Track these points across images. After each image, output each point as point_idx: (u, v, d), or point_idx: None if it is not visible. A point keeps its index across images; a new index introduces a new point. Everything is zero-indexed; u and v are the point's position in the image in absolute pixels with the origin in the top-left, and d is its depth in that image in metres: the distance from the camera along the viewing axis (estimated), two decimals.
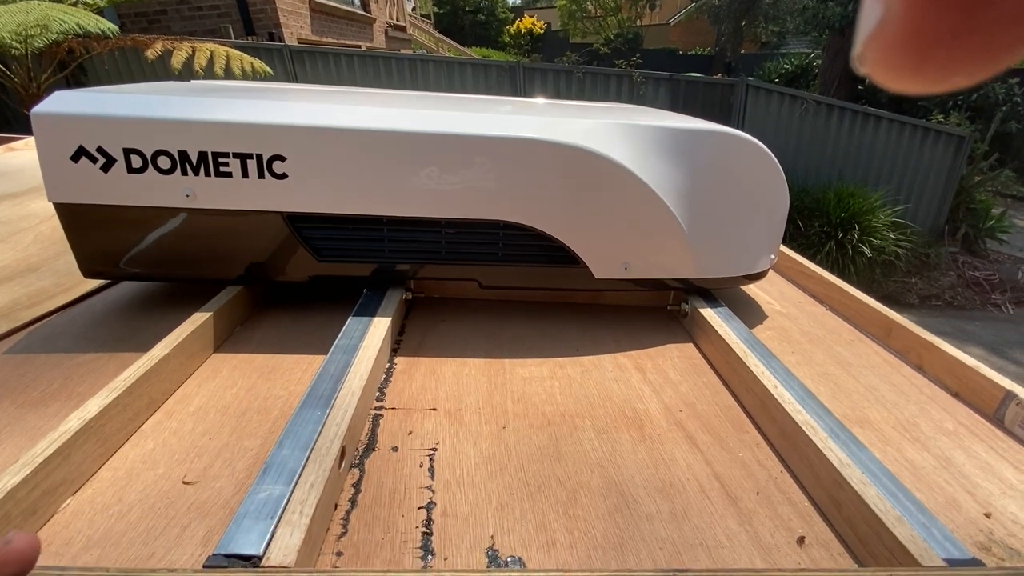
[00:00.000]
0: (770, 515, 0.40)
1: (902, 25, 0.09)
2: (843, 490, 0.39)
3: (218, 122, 0.55)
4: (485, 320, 0.69)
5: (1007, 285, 4.20)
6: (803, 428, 0.44)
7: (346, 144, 0.56)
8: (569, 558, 0.35)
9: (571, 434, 0.48)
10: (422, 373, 0.56)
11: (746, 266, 0.70)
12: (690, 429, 0.50)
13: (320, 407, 0.42)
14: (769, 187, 0.68)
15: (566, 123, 0.61)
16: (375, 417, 0.48)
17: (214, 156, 0.56)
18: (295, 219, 0.60)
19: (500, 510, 0.39)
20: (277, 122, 0.55)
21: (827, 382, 0.60)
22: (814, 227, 4.12)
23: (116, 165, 0.56)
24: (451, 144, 0.57)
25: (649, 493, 0.41)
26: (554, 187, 0.60)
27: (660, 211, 0.62)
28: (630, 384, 0.57)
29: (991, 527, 0.40)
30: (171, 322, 0.57)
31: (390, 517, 0.38)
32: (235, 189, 0.57)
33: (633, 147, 0.61)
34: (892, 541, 0.34)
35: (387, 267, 0.64)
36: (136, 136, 0.55)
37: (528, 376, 0.57)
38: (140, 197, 0.58)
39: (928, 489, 0.44)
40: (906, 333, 0.66)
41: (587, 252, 0.64)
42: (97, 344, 0.58)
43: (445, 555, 0.35)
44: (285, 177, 0.57)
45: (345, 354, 0.51)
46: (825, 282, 0.83)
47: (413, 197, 0.59)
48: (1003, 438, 0.52)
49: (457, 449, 0.45)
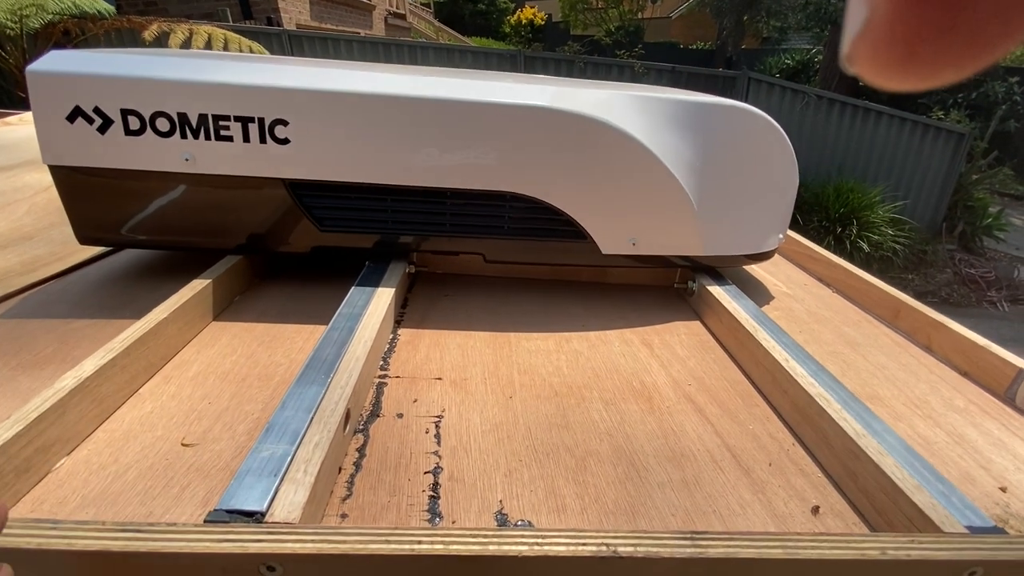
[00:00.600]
0: (783, 485, 0.40)
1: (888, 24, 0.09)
2: (859, 460, 0.38)
3: (219, 83, 0.53)
4: (489, 296, 0.68)
5: (1003, 283, 4.22)
6: (817, 400, 0.43)
7: (350, 109, 0.55)
8: (580, 522, 0.34)
9: (579, 405, 0.47)
10: (426, 344, 0.55)
11: (755, 245, 0.69)
12: (699, 402, 0.49)
13: (324, 371, 0.41)
14: (780, 164, 0.66)
15: (577, 93, 0.59)
16: (379, 385, 0.47)
17: (214, 119, 0.54)
18: (297, 187, 0.58)
19: (508, 475, 0.38)
20: (280, 85, 0.54)
21: (836, 360, 0.59)
22: (813, 222, 4.12)
23: (113, 127, 0.55)
24: (458, 111, 0.56)
25: (660, 462, 0.41)
26: (563, 158, 0.59)
27: (671, 186, 0.61)
28: (637, 358, 0.56)
29: (1007, 500, 0.40)
30: (169, 291, 0.55)
31: (396, 481, 0.37)
32: (235, 154, 0.56)
33: (644, 119, 0.60)
34: (911, 509, 0.34)
35: (390, 239, 0.62)
36: (134, 97, 0.53)
37: (534, 349, 0.56)
38: (138, 160, 0.56)
39: (942, 464, 0.44)
40: (915, 314, 0.66)
41: (594, 226, 0.62)
42: (93, 310, 0.57)
43: (453, 518, 0.34)
44: (287, 143, 0.56)
45: (349, 321, 0.49)
46: (832, 264, 0.82)
47: (418, 166, 0.58)
48: (1015, 416, 0.51)
49: (463, 417, 0.44)
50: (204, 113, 0.54)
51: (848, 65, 0.10)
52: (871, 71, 0.10)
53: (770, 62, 8.35)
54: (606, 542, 0.28)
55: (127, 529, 0.27)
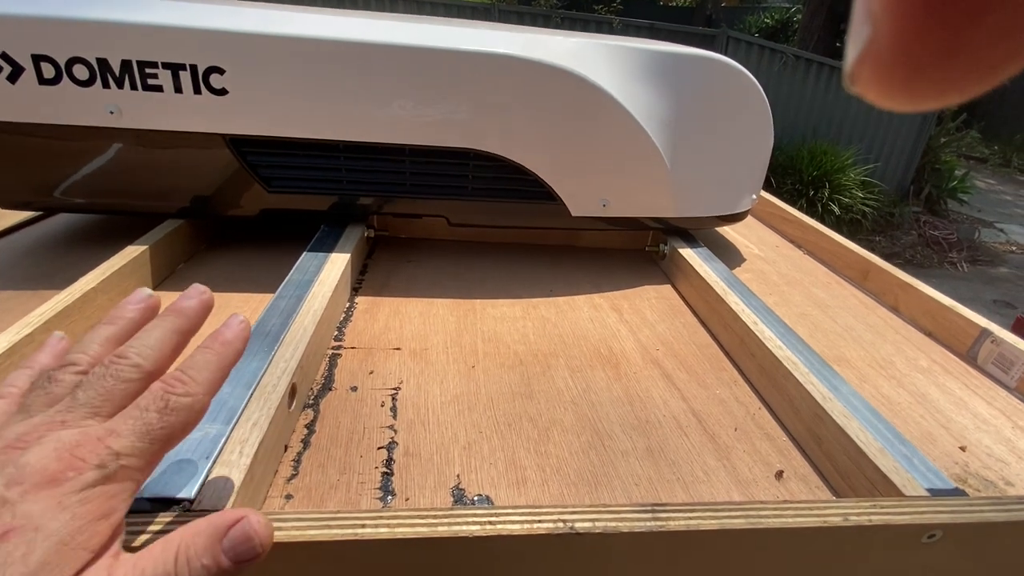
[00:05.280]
0: (748, 450, 0.39)
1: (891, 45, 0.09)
2: (824, 424, 0.38)
3: (141, 24, 0.47)
4: (455, 261, 0.65)
5: (964, 244, 4.37)
6: (784, 363, 0.42)
7: (295, 55, 0.50)
8: (540, 496, 0.33)
9: (544, 373, 0.45)
10: (385, 313, 0.52)
11: (728, 206, 0.67)
12: (667, 367, 0.48)
13: (267, 344, 0.38)
14: (755, 120, 0.64)
15: (545, 41, 0.55)
16: (332, 357, 0.45)
17: (140, 66, 0.49)
18: (239, 143, 0.54)
19: (467, 448, 0.36)
20: (212, 27, 0.48)
21: (805, 322, 0.59)
22: (787, 185, 4.15)
23: (25, 75, 0.48)
24: (416, 59, 0.51)
25: (624, 430, 0.39)
26: (529, 112, 0.55)
27: (643, 143, 0.58)
28: (606, 324, 0.54)
29: (966, 460, 0.40)
30: (105, 258, 0.51)
31: (346, 458, 0.35)
32: (167, 106, 0.50)
33: (617, 71, 0.56)
34: (874, 472, 0.33)
35: (346, 201, 0.58)
36: (45, 40, 0.47)
37: (500, 316, 0.54)
38: (56, 114, 0.50)
39: (904, 424, 0.44)
40: (883, 275, 0.66)
41: (564, 187, 0.59)
42: (17, 281, 0.52)
43: (407, 495, 0.32)
44: (225, 93, 0.50)
45: (298, 289, 0.46)
46: (804, 226, 0.81)
47: (372, 120, 0.53)
48: (976, 375, 0.51)
49: (422, 388, 0.42)
50: (127, 59, 0.48)
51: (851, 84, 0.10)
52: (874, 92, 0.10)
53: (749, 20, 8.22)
54: (563, 518, 0.27)
55: None
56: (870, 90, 0.10)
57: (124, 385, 0.20)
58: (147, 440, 0.19)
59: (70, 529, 0.16)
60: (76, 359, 0.21)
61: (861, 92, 0.10)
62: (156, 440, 0.19)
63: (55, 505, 0.16)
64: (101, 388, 0.19)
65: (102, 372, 0.20)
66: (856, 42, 0.10)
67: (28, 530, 0.16)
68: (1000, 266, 4.15)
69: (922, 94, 0.09)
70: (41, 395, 0.19)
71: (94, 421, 0.19)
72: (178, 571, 0.18)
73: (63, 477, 0.17)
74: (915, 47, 0.09)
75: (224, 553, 0.19)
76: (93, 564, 0.17)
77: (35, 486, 0.16)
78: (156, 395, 0.20)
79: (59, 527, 0.16)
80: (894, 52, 0.09)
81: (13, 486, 0.16)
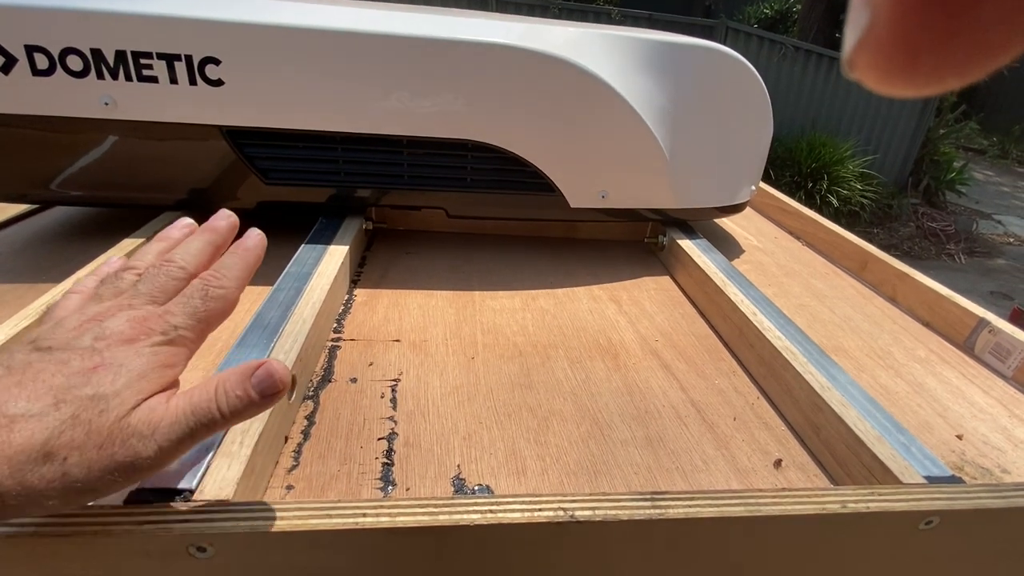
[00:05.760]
0: (747, 440, 0.39)
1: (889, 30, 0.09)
2: (822, 412, 0.38)
3: (135, 14, 0.47)
4: (454, 253, 0.65)
5: (961, 236, 4.37)
6: (782, 353, 0.43)
7: (291, 46, 0.49)
8: (540, 485, 0.33)
9: (543, 364, 0.45)
10: (384, 305, 0.52)
11: (727, 197, 0.67)
12: (666, 358, 0.48)
13: (266, 336, 0.38)
14: (755, 110, 0.64)
15: (544, 30, 0.54)
16: (332, 349, 0.45)
17: (134, 56, 0.48)
18: (236, 135, 0.53)
19: (467, 439, 0.36)
20: (207, 17, 0.48)
21: (803, 313, 0.59)
22: (785, 177, 4.15)
23: (18, 65, 0.48)
24: (414, 49, 0.51)
25: (624, 420, 0.40)
26: (528, 103, 0.55)
27: (642, 134, 0.58)
28: (605, 315, 0.54)
29: (963, 448, 0.40)
30: (103, 251, 0.51)
31: (347, 449, 0.35)
32: (162, 97, 0.50)
33: (616, 61, 0.56)
34: (871, 460, 0.33)
35: (344, 193, 0.58)
36: (38, 30, 0.47)
37: (499, 308, 0.54)
38: (51, 105, 0.50)
39: (902, 413, 0.44)
40: (882, 265, 0.66)
41: (562, 178, 0.59)
42: (15, 274, 0.52)
43: (407, 485, 0.32)
44: (221, 84, 0.50)
45: (296, 281, 0.46)
46: (803, 217, 0.81)
47: (371, 111, 0.53)
48: (973, 364, 0.52)
49: (422, 379, 0.42)
50: (122, 49, 0.48)
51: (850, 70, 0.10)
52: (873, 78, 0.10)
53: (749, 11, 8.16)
54: (563, 506, 0.27)
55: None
56: (869, 75, 0.10)
57: (173, 282, 0.25)
58: (195, 319, 0.24)
59: (144, 369, 0.22)
60: (135, 264, 0.27)
61: (860, 78, 0.10)
62: (202, 320, 0.25)
63: (133, 354, 0.23)
64: (156, 283, 0.25)
65: (156, 272, 0.26)
66: (855, 27, 0.10)
67: (113, 366, 0.22)
68: (997, 258, 4.16)
69: (921, 79, 0.09)
70: (110, 288, 0.25)
71: (152, 306, 0.24)
72: (217, 399, 0.23)
73: (137, 338, 0.23)
74: (914, 31, 0.09)
75: (253, 388, 0.23)
76: (158, 395, 0.23)
77: (116, 342, 0.22)
78: (197, 287, 0.25)
79: (136, 366, 0.22)
80: (893, 37, 0.09)
81: (99, 341, 0.22)
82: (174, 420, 0.22)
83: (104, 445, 0.20)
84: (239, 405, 0.23)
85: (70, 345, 0.22)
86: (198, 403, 0.23)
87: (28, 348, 0.22)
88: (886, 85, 0.10)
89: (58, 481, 0.20)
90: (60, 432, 0.20)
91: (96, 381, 0.21)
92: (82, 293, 0.26)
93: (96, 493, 0.21)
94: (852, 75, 0.10)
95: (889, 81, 0.10)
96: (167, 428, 0.22)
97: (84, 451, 0.20)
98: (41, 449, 0.19)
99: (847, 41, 0.10)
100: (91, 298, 0.25)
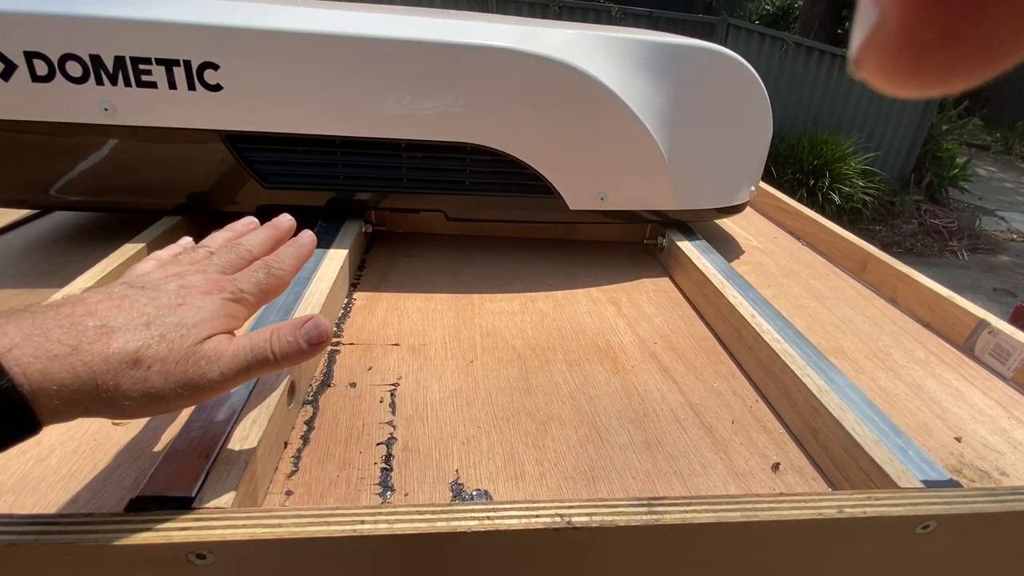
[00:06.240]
0: (745, 443, 0.39)
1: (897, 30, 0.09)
2: (820, 416, 0.38)
3: (133, 20, 0.47)
4: (453, 256, 0.65)
5: (964, 233, 4.35)
6: (781, 356, 0.43)
7: (289, 50, 0.49)
8: (538, 490, 0.33)
9: (542, 367, 0.46)
10: (384, 308, 0.53)
11: (726, 197, 0.67)
12: (664, 361, 0.48)
13: None
14: (754, 111, 0.64)
15: (541, 33, 0.54)
16: (331, 353, 0.45)
17: (133, 62, 0.48)
18: (235, 139, 0.53)
19: (466, 444, 0.36)
20: (204, 22, 0.48)
21: (803, 314, 0.59)
22: (787, 174, 4.13)
23: (18, 72, 0.48)
24: (412, 52, 0.51)
25: (622, 423, 0.40)
26: (527, 106, 0.55)
27: (641, 135, 0.58)
28: (604, 318, 0.54)
29: (962, 450, 0.40)
30: (103, 256, 0.51)
31: (346, 454, 0.35)
32: (162, 103, 0.50)
33: (613, 62, 0.56)
34: (869, 464, 0.33)
35: (343, 196, 0.58)
36: (37, 36, 0.47)
37: (498, 311, 0.54)
38: (51, 111, 0.50)
39: (901, 416, 0.44)
40: (881, 266, 0.66)
41: (561, 180, 0.59)
42: (16, 280, 0.52)
43: (406, 491, 0.33)
44: (220, 89, 0.50)
45: (296, 285, 0.46)
46: (804, 217, 0.81)
47: (370, 115, 0.53)
48: (972, 366, 0.52)
49: (421, 384, 0.42)
50: (120, 55, 0.48)
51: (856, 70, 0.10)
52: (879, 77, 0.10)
53: (750, 7, 8.12)
54: (560, 513, 0.27)
55: (36, 522, 0.24)
56: (875, 75, 0.10)
57: (240, 260, 0.31)
58: (257, 288, 0.29)
59: (216, 312, 0.27)
60: (207, 243, 0.32)
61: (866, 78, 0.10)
62: (263, 290, 0.30)
63: (208, 301, 0.27)
64: (227, 258, 0.30)
65: (228, 249, 0.31)
66: (862, 27, 0.09)
67: (193, 306, 0.26)
68: (1001, 254, 4.14)
69: (928, 80, 0.09)
70: (187, 257, 0.30)
71: (222, 275, 0.29)
72: (272, 342, 0.27)
73: (211, 292, 0.28)
74: (921, 31, 0.08)
75: (301, 336, 0.27)
76: (224, 333, 0.27)
77: (196, 292, 0.27)
78: (261, 264, 0.31)
79: (210, 309, 0.27)
80: (900, 36, 0.09)
81: (183, 289, 0.27)
82: (235, 353, 0.26)
83: (180, 362, 0.24)
84: (289, 350, 0.27)
85: (159, 288, 0.27)
86: (255, 343, 0.27)
87: (123, 285, 0.27)
88: (892, 85, 0.10)
89: (140, 384, 0.23)
90: (148, 345, 0.24)
91: (180, 314, 0.26)
92: (158, 260, 0.30)
93: (165, 404, 0.25)
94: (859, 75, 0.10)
95: (896, 81, 0.10)
96: (229, 358, 0.26)
97: (165, 364, 0.24)
98: (133, 355, 0.23)
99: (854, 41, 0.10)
100: (170, 263, 0.30)
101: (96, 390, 0.22)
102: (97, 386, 0.22)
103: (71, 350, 0.22)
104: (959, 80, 0.09)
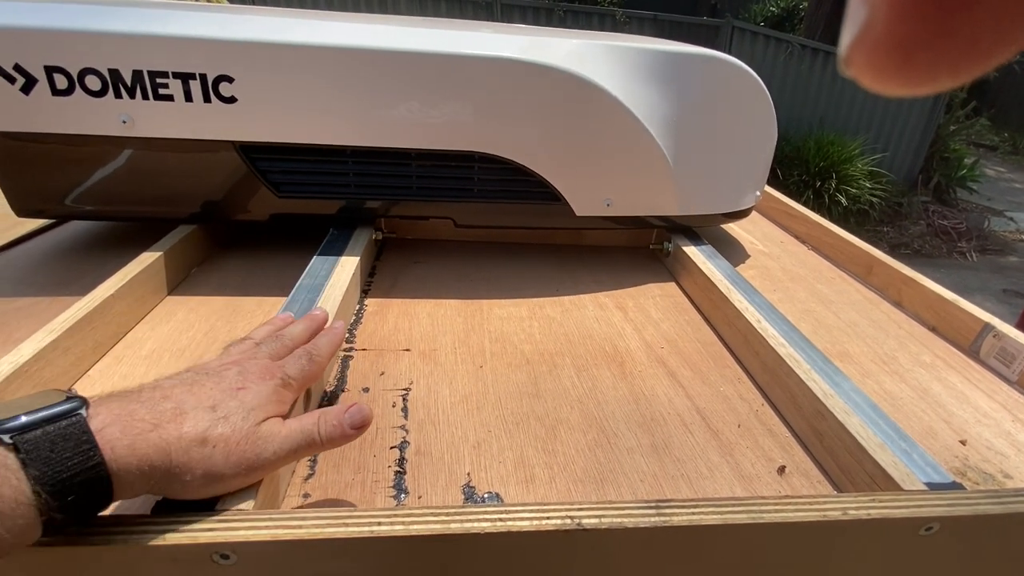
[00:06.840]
0: (751, 446, 0.40)
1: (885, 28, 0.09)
2: (825, 420, 0.38)
3: (151, 35, 0.48)
4: (461, 261, 0.66)
5: (973, 233, 4.32)
6: (786, 360, 0.43)
7: (302, 63, 0.51)
8: (548, 493, 0.34)
9: (550, 372, 0.46)
10: (395, 314, 0.54)
11: (732, 202, 0.68)
12: (671, 365, 0.49)
13: None
14: (758, 117, 0.64)
15: (547, 43, 0.55)
16: (344, 359, 0.46)
17: (151, 76, 0.50)
18: (249, 150, 0.55)
19: (477, 447, 0.37)
20: (220, 37, 0.49)
21: (808, 319, 0.59)
22: (793, 176, 4.12)
23: (38, 86, 0.50)
24: (421, 64, 0.52)
25: (630, 427, 0.40)
26: (534, 115, 0.56)
27: (646, 143, 0.58)
28: (611, 323, 0.55)
29: (966, 453, 0.41)
30: (120, 264, 0.52)
31: (361, 458, 0.36)
32: (178, 115, 0.51)
33: (618, 71, 0.57)
34: (873, 467, 0.34)
35: (354, 204, 0.60)
36: (57, 51, 0.48)
37: (506, 316, 0.55)
38: (70, 123, 0.51)
39: (906, 419, 0.44)
40: (887, 270, 0.66)
41: (568, 187, 0.60)
42: (36, 288, 0.54)
43: (419, 494, 0.33)
44: (235, 101, 0.51)
45: (309, 293, 0.47)
46: (809, 221, 0.81)
47: (380, 125, 0.54)
48: (978, 369, 0.52)
49: (432, 388, 0.43)
50: (138, 69, 0.49)
51: (845, 68, 0.10)
52: (868, 75, 0.10)
53: (755, 9, 8.12)
54: (570, 514, 0.28)
55: None
56: (864, 73, 0.10)
57: (284, 349, 0.34)
58: (301, 373, 0.33)
59: (271, 396, 0.30)
60: (252, 336, 0.36)
61: (855, 75, 0.10)
62: (305, 376, 0.33)
63: (264, 386, 0.30)
64: (273, 347, 0.34)
65: (272, 340, 0.35)
66: (852, 25, 0.10)
67: (252, 390, 0.29)
68: (1010, 255, 4.11)
69: (915, 77, 0.09)
70: (235, 348, 0.34)
71: (270, 361, 0.33)
72: (319, 426, 0.30)
73: (265, 378, 0.31)
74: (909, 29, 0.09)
75: (345, 421, 0.30)
76: (277, 417, 0.30)
77: (254, 378, 0.30)
78: (302, 352, 0.34)
79: (267, 393, 0.30)
80: (888, 34, 0.09)
81: (242, 375, 0.30)
82: (287, 435, 0.29)
83: (240, 442, 0.27)
84: (334, 433, 0.30)
85: (222, 375, 0.30)
86: (305, 426, 0.29)
87: (191, 372, 0.30)
88: (881, 83, 0.10)
89: (205, 463, 0.26)
90: (214, 425, 0.26)
91: (241, 397, 0.29)
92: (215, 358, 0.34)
93: (223, 482, 0.27)
94: (848, 72, 0.10)
95: (884, 79, 0.10)
96: (282, 439, 0.29)
97: (228, 443, 0.26)
98: (201, 435, 0.26)
99: (844, 39, 0.10)
100: (222, 353, 0.34)
101: (170, 465, 0.25)
102: (171, 461, 0.25)
103: (152, 427, 0.25)
104: (945, 78, 0.09)
